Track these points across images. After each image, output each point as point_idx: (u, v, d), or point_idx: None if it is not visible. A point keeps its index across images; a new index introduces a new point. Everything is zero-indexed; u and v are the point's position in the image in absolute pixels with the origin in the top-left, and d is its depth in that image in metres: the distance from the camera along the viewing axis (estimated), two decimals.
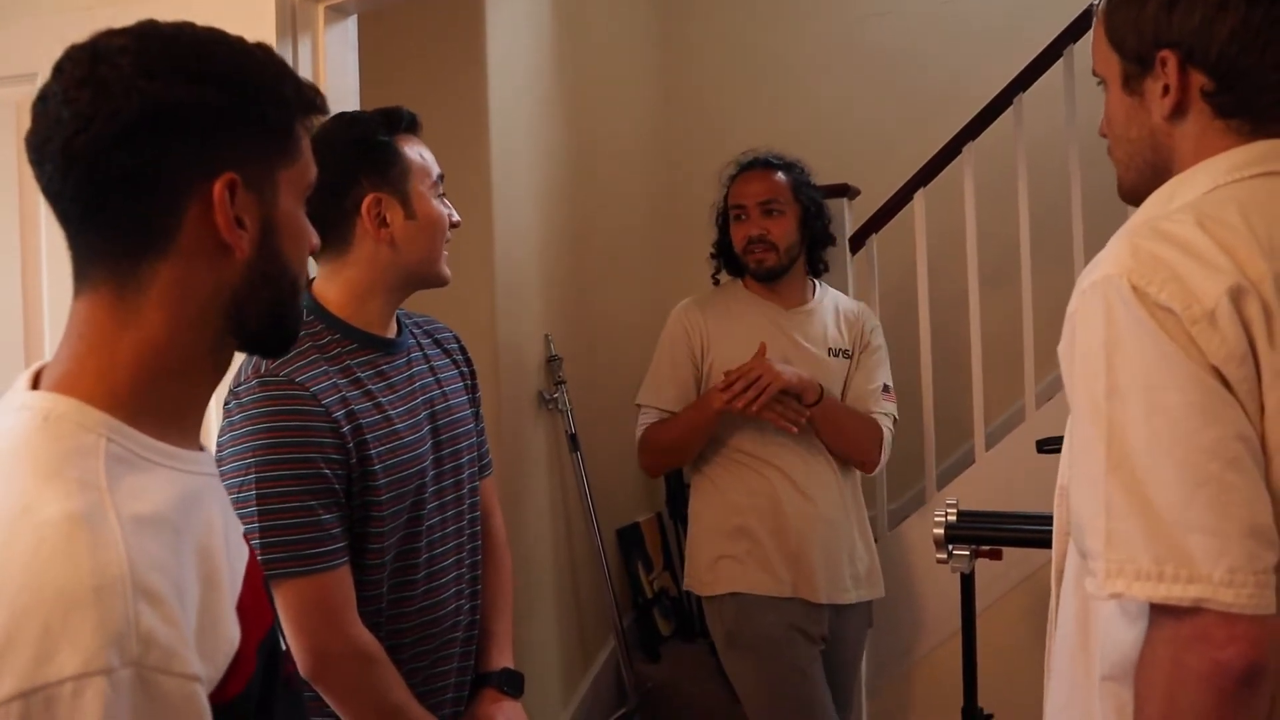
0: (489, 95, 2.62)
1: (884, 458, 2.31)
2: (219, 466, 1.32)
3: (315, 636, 1.31)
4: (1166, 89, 1.01)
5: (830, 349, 2.30)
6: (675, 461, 2.29)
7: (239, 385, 1.34)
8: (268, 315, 0.83)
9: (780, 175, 2.29)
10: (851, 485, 2.34)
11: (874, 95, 3.88)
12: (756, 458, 2.23)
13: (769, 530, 2.21)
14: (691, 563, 2.33)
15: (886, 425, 2.30)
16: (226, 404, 1.35)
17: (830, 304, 2.38)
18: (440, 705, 1.47)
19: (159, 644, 0.67)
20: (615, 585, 3.18)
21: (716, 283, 2.44)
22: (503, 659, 1.58)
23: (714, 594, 2.26)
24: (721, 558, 2.25)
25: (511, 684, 1.57)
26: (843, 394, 2.31)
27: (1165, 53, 1.00)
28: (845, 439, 2.26)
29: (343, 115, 1.48)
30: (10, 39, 1.79)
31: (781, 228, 2.25)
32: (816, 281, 2.40)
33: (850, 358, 2.33)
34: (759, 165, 2.31)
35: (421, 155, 1.45)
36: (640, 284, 3.64)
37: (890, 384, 2.35)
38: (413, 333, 1.54)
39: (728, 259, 2.38)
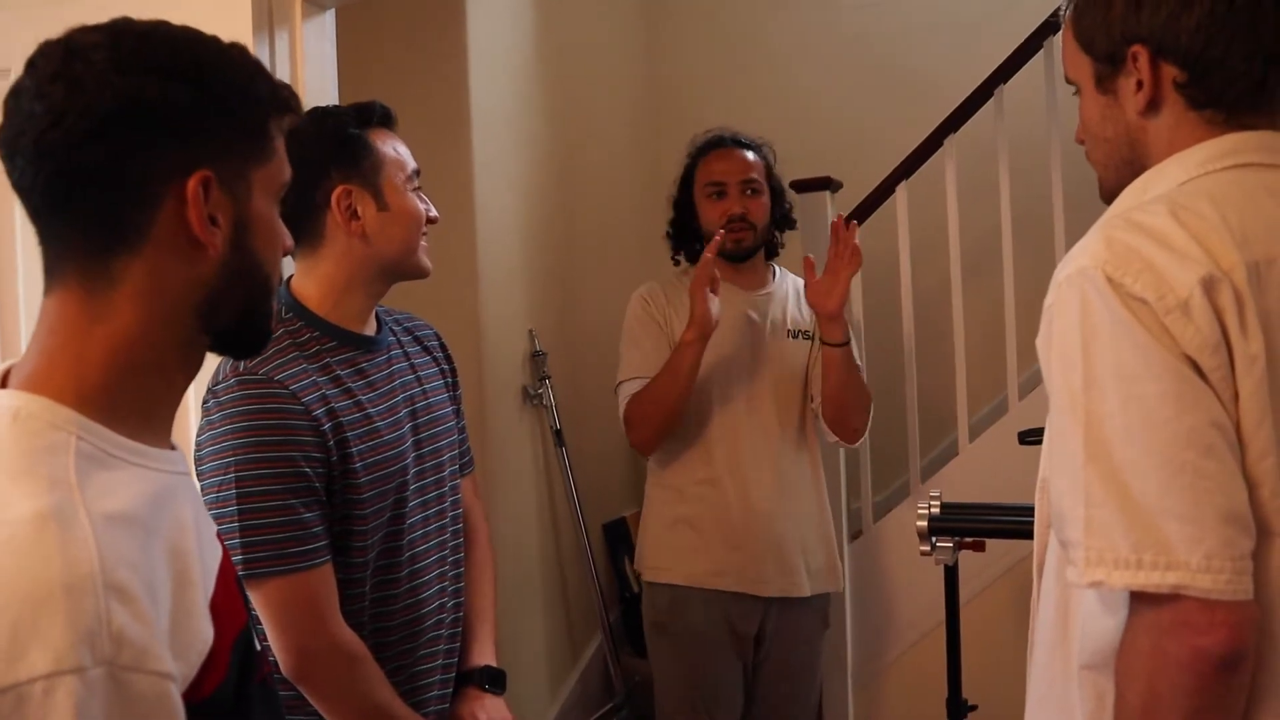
0: (470, 88, 2.61)
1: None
2: (198, 466, 1.31)
3: (298, 635, 1.30)
4: (1140, 84, 1.01)
5: (790, 330, 2.28)
6: (665, 420, 2.15)
7: (217, 384, 1.33)
8: (240, 314, 0.83)
9: (755, 155, 2.28)
10: (811, 475, 2.30)
11: (856, 87, 3.89)
12: (706, 438, 2.21)
13: (713, 517, 2.20)
14: (639, 543, 2.34)
15: None
16: (205, 403, 1.34)
17: (790, 287, 2.36)
18: (424, 704, 1.47)
19: (131, 642, 0.66)
20: (602, 580, 3.18)
21: (677, 263, 2.39)
22: (484, 656, 1.57)
23: (653, 581, 2.27)
24: (663, 545, 2.25)
25: (494, 681, 1.56)
26: (806, 375, 2.28)
27: (1136, 48, 1.00)
28: (848, 395, 2.19)
29: (315, 110, 1.47)
30: None
31: (760, 208, 2.26)
32: (776, 266, 2.39)
33: (811, 338, 2.29)
34: (736, 144, 2.29)
35: (395, 149, 1.44)
36: (625, 278, 3.62)
37: (861, 365, 2.29)
38: (393, 330, 1.53)
39: (685, 239, 2.34)
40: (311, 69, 1.82)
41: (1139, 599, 0.89)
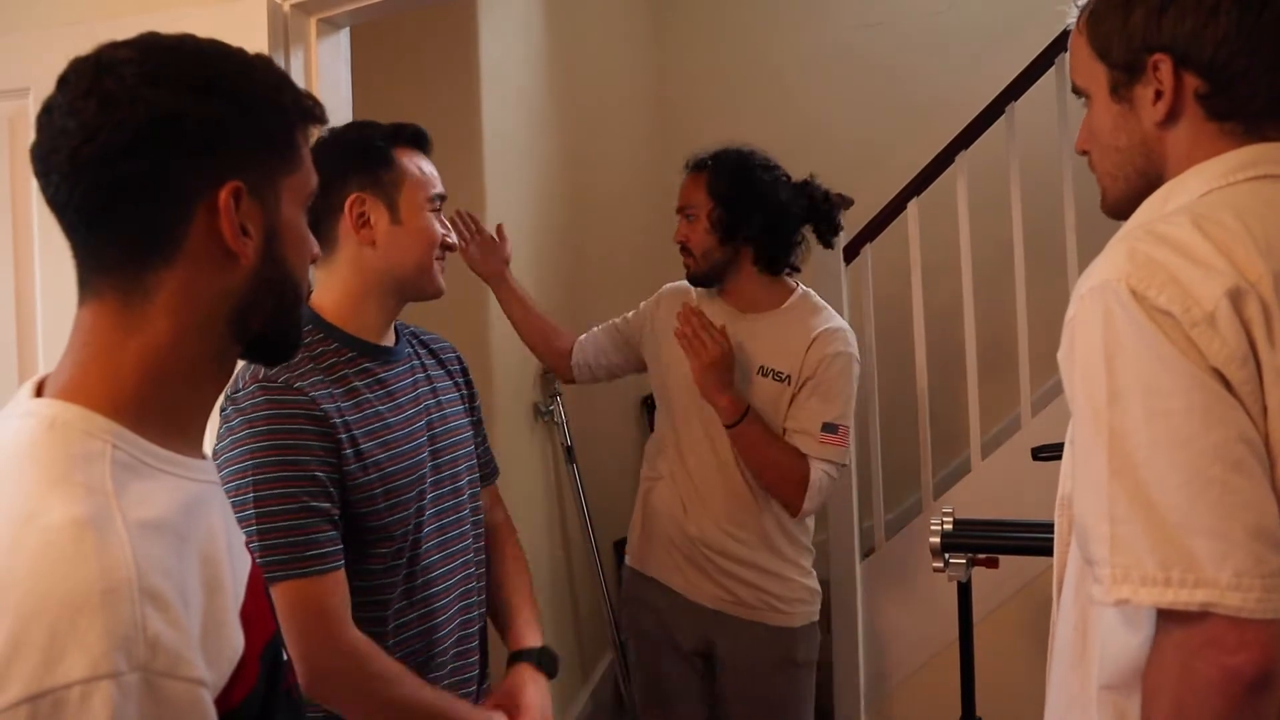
0: (482, 106, 2.62)
1: (814, 503, 2.03)
2: (218, 471, 1.32)
3: (309, 644, 1.29)
4: (1159, 94, 1.00)
5: (761, 367, 2.07)
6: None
7: (238, 391, 1.33)
8: (271, 322, 0.84)
9: (699, 176, 2.13)
10: (760, 507, 2.09)
11: (867, 105, 3.90)
12: (664, 440, 2.19)
13: (664, 514, 2.18)
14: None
15: (822, 469, 2.01)
16: (224, 410, 1.34)
17: (798, 318, 2.10)
18: None
19: (166, 648, 0.67)
20: (612, 597, 3.17)
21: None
22: (535, 637, 1.57)
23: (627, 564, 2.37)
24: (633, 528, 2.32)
25: (548, 663, 1.55)
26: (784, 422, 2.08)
27: (1158, 57, 0.99)
28: (762, 472, 2.04)
29: (354, 122, 1.50)
30: (2, 53, 1.79)
31: (695, 233, 2.12)
32: (798, 287, 2.16)
33: (783, 381, 2.05)
34: (687, 168, 2.19)
35: (421, 169, 1.46)
36: (634, 295, 3.62)
37: (839, 423, 2.03)
38: (410, 343, 1.54)
39: None
40: (326, 87, 1.83)
41: (1166, 618, 0.87)
